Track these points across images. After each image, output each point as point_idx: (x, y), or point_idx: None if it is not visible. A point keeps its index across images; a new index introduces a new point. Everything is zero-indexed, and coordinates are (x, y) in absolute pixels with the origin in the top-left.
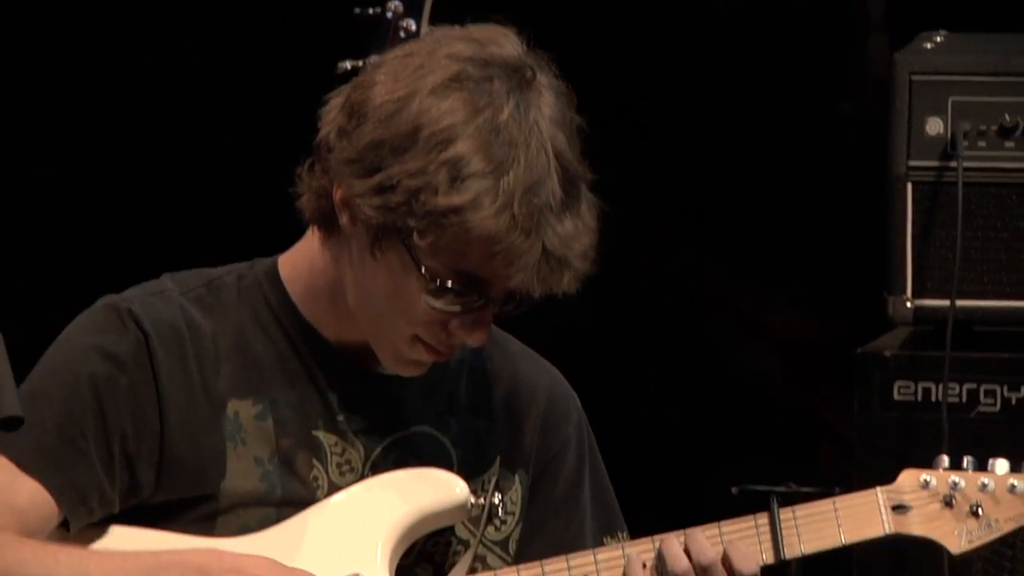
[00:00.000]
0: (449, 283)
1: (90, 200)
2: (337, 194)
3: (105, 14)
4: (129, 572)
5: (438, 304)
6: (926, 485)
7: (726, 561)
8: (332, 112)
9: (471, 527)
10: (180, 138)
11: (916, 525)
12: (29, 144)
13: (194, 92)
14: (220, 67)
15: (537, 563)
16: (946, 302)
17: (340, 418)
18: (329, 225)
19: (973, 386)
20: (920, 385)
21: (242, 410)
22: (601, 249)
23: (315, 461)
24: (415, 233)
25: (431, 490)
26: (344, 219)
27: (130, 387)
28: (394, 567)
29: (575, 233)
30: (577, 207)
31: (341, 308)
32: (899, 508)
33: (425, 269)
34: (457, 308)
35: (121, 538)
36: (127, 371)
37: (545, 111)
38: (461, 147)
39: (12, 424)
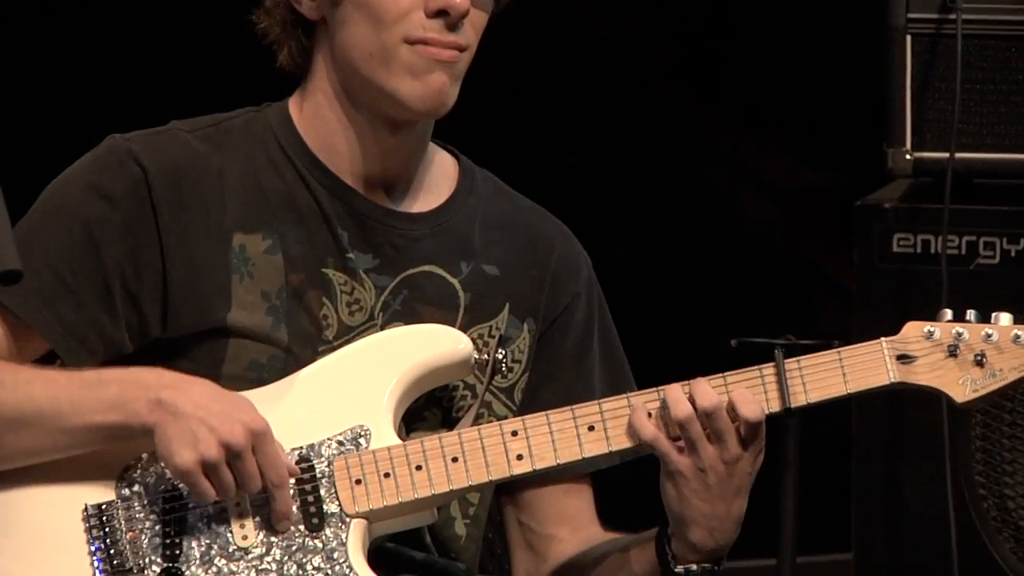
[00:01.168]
0: None
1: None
2: None
3: None
4: (70, 387)
5: None
6: (930, 336)
7: (731, 409)
8: None
9: (479, 375)
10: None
11: (921, 375)
12: None
13: None
14: None
15: (543, 414)
16: (945, 154)
17: (350, 255)
18: (305, 32)
19: (972, 238)
20: (919, 237)
21: (249, 244)
22: (605, 97)
23: (325, 299)
24: None
25: (436, 346)
26: (304, 5)
27: (126, 224)
28: (399, 418)
29: None
30: None
31: (353, 141)
32: (904, 358)
33: None
34: None
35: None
36: (121, 208)
37: None
38: None
39: (11, 277)
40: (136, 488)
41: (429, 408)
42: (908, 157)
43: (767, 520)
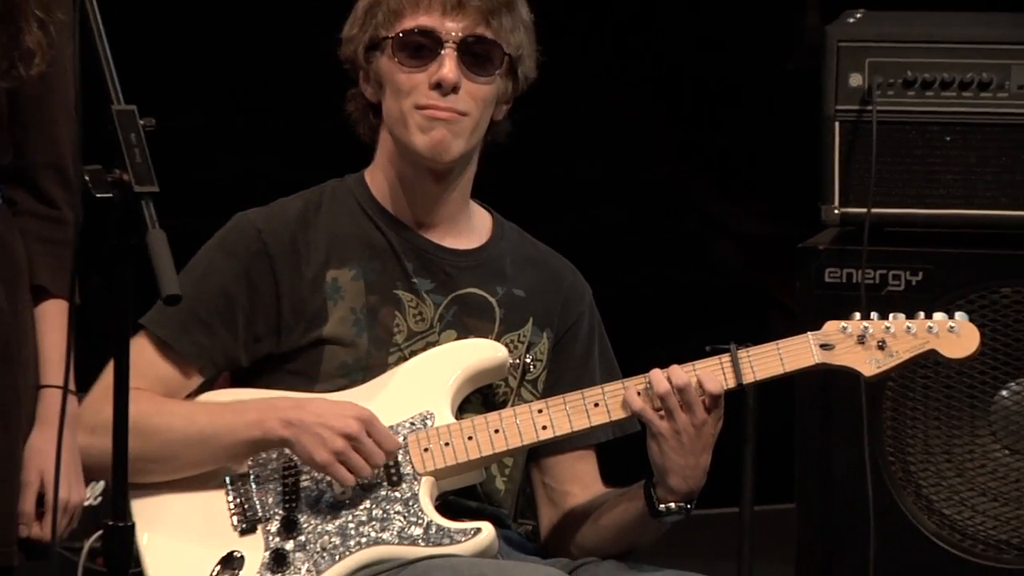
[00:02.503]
0: (401, 34)
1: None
2: (360, 80)
3: None
4: (224, 414)
5: (406, 63)
6: (844, 330)
7: (698, 386)
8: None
9: (513, 374)
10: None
11: (838, 357)
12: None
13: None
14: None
15: (560, 396)
16: (863, 210)
17: (414, 280)
18: (374, 112)
19: (884, 271)
20: (844, 271)
21: (339, 276)
22: (610, 164)
23: (396, 312)
24: (378, 28)
25: (481, 354)
26: (365, 87)
27: (245, 273)
28: (455, 406)
29: None
30: None
31: (409, 192)
32: (825, 346)
33: (389, 44)
34: (418, 63)
35: (231, 395)
36: (243, 262)
37: None
38: None
39: (174, 300)
40: (262, 463)
41: (477, 398)
42: (836, 211)
43: (731, 478)
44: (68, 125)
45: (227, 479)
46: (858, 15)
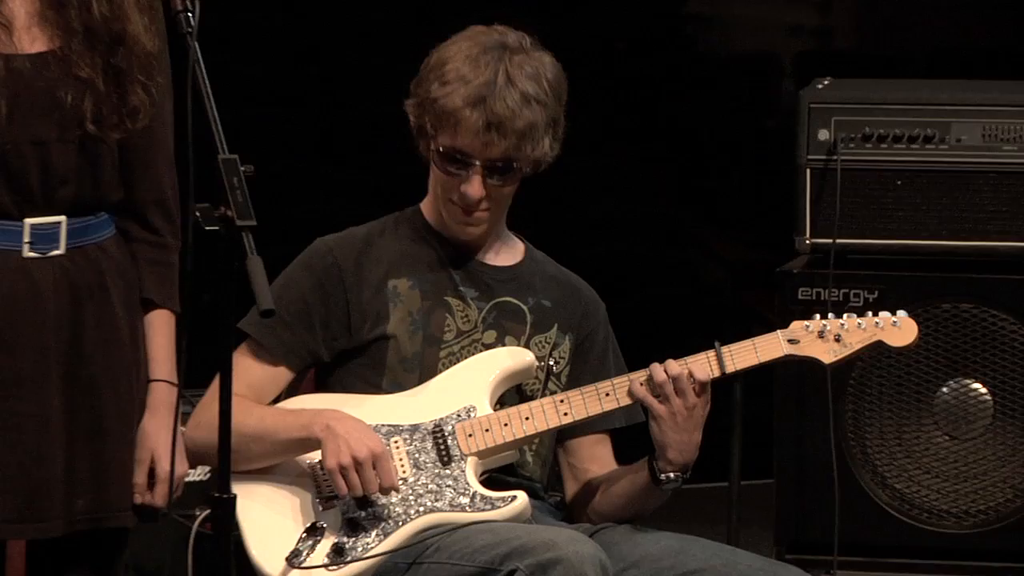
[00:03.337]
0: (441, 149)
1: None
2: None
3: None
4: (285, 417)
5: (443, 170)
6: (807, 327)
7: (689, 375)
8: None
9: (539, 374)
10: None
11: (802, 349)
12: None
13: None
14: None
15: (578, 388)
16: (830, 240)
17: (461, 289)
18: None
19: (846, 291)
20: (814, 290)
21: (399, 285)
22: (626, 214)
23: (447, 314)
24: (430, 127)
25: (514, 359)
26: (419, 142)
27: (320, 284)
28: (494, 400)
29: (510, 116)
30: (518, 108)
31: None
32: (791, 341)
33: (433, 149)
34: (452, 173)
35: (300, 402)
36: (318, 274)
37: (516, 60)
38: (450, 67)
39: (269, 314)
40: None
41: (512, 391)
42: (807, 242)
43: (721, 458)
44: (168, 168)
45: (309, 465)
46: (826, 82)
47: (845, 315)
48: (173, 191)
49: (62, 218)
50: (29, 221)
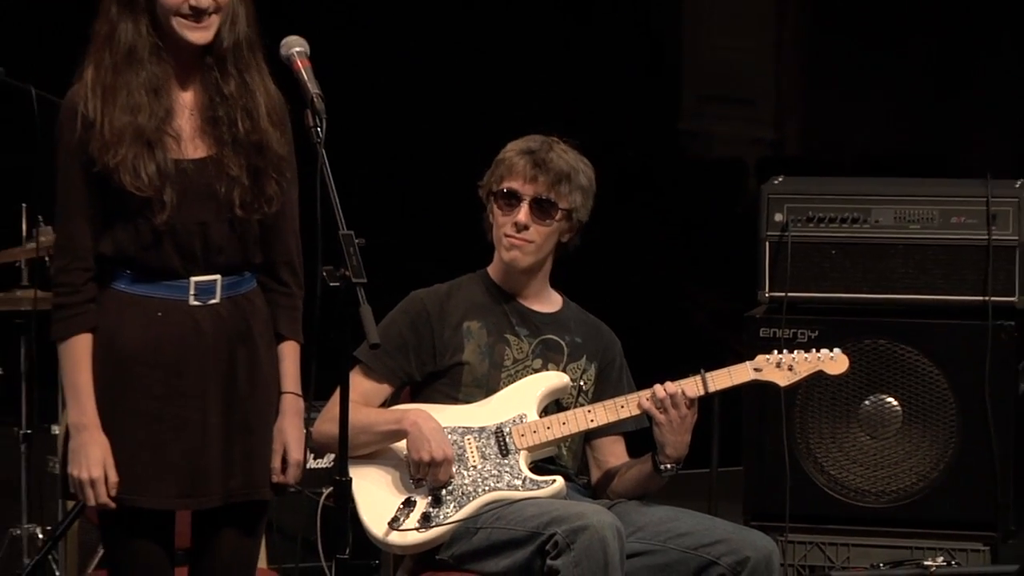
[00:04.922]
0: (497, 191)
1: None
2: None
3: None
4: (384, 416)
5: (500, 208)
6: (767, 360)
7: (682, 393)
8: None
9: (573, 392)
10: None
11: (764, 375)
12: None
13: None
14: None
15: (601, 403)
16: (783, 293)
17: (516, 328)
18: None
19: (795, 330)
20: (772, 330)
21: (471, 326)
22: (632, 277)
23: (506, 347)
24: (492, 184)
25: (555, 380)
26: (488, 215)
27: (413, 325)
28: (541, 410)
29: (552, 161)
30: (559, 159)
31: (512, 279)
32: (756, 369)
33: (493, 195)
34: (506, 209)
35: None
36: (411, 316)
37: (560, 146)
38: (507, 147)
39: (375, 347)
40: None
41: (552, 406)
42: (767, 295)
43: (704, 451)
44: (295, 238)
45: (404, 455)
46: (780, 179)
47: (795, 350)
48: (298, 254)
49: (217, 276)
50: (193, 279)
